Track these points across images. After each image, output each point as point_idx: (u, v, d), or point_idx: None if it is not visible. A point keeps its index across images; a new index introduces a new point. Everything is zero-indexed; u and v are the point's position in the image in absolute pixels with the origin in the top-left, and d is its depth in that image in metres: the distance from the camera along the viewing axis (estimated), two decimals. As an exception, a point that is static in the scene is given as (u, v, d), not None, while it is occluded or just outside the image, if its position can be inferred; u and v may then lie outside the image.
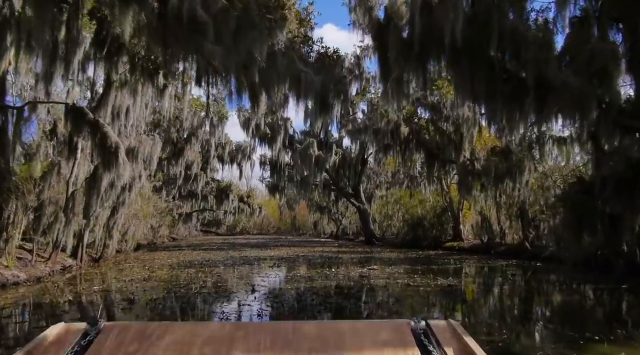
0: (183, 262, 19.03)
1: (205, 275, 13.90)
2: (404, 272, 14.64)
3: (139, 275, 14.16)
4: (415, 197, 29.33)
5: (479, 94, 9.13)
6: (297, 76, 10.62)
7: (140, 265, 17.49)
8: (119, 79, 14.47)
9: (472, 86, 9.10)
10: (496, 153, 19.79)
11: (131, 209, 22.46)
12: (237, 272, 15.17)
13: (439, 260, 19.68)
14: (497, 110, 9.82)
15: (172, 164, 31.45)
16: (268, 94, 10.99)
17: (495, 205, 21.87)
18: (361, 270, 15.59)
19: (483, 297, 10.78)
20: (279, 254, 24.03)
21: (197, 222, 54.74)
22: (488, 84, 9.10)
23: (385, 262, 19.09)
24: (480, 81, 9.08)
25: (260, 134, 32.58)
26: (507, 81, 9.44)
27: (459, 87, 9.61)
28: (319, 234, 56.32)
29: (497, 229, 23.39)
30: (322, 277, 13.40)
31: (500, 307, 9.59)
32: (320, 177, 33.81)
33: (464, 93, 9.67)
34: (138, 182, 17.70)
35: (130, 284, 12.14)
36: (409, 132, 20.09)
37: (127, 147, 16.86)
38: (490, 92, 9.14)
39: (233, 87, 11.05)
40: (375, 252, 25.59)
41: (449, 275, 14.33)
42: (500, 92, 9.20)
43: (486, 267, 16.67)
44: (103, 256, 18.99)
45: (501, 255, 20.40)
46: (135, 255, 23.09)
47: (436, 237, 27.45)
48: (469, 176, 19.35)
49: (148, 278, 13.30)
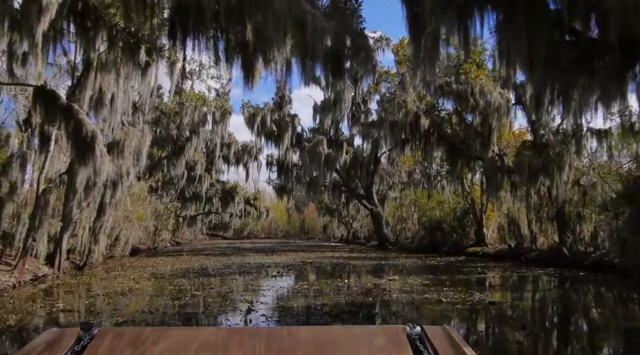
0: (177, 270, 17.01)
1: (196, 288, 11.85)
2: (429, 283, 12.47)
3: (119, 286, 12.13)
4: (433, 198, 27.07)
5: (537, 60, 7.02)
6: (301, 20, 8.39)
7: (128, 274, 15.48)
8: (97, 58, 12.48)
9: (529, 50, 7.00)
10: (527, 147, 17.58)
11: (123, 211, 20.56)
12: (235, 283, 13.09)
13: (463, 268, 17.47)
14: (556, 83, 7.70)
15: (173, 163, 29.46)
16: (264, 54, 8.84)
17: (525, 206, 19.62)
18: (378, 280, 13.45)
19: (542, 320, 8.56)
20: (286, 260, 21.94)
21: (202, 225, 52.84)
22: (549, 47, 6.99)
23: (403, 270, 16.93)
24: (539, 44, 6.95)
25: (266, 131, 30.49)
26: (572, 44, 7.36)
27: (512, 51, 7.52)
28: (329, 237, 54.16)
29: (526, 233, 21.12)
30: (333, 290, 11.28)
31: (575, 338, 7.37)
32: (330, 177, 31.68)
33: (517, 60, 7.56)
34: (125, 180, 15.69)
35: (103, 300, 10.11)
36: (430, 125, 17.91)
37: (112, 139, 14.91)
38: (551, 57, 7.04)
39: (221, 50, 8.92)
40: (389, 257, 23.41)
41: (483, 287, 12.15)
42: (562, 58, 7.10)
43: (522, 277, 14.43)
44: (87, 263, 17.00)
45: (533, 262, 18.14)
46: (127, 261, 21.13)
47: (456, 242, 25.20)
48: (497, 173, 17.14)
49: (128, 291, 11.26)
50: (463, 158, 18.50)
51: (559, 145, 16.31)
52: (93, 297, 10.53)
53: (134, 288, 11.76)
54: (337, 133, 32.80)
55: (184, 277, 14.40)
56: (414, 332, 1.52)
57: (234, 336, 1.55)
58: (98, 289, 11.63)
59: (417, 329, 1.53)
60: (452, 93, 16.75)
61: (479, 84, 15.58)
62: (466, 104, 16.38)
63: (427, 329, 1.54)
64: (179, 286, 12.28)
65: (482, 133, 16.97)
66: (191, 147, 28.22)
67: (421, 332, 1.53)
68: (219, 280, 13.70)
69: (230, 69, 9.59)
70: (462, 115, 17.57)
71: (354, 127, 33.58)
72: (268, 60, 8.81)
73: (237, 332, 1.62)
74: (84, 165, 11.94)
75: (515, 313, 8.69)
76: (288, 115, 31.74)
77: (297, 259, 22.16)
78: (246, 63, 9.08)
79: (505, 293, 10.97)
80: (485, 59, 17.33)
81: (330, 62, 9.47)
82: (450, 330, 1.57)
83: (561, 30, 7.35)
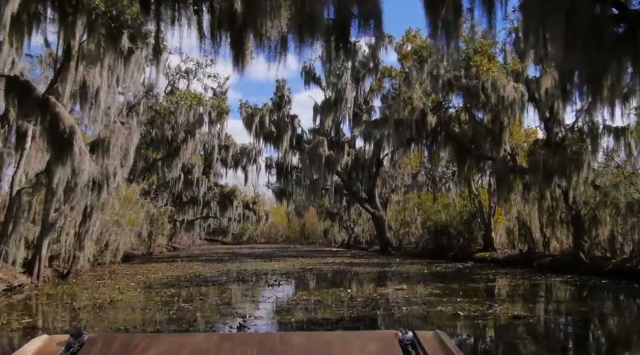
0: (169, 278, 15.92)
1: (185, 299, 10.76)
2: (440, 292, 11.38)
3: (101, 298, 11.04)
4: (439, 201, 25.94)
5: (575, 36, 5.95)
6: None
7: (114, 283, 14.40)
8: (79, 48, 11.44)
9: (566, 25, 5.93)
10: (541, 146, 16.50)
11: (112, 214, 19.47)
12: (227, 293, 11.99)
13: (474, 275, 16.37)
14: (592, 65, 6.63)
15: (168, 165, 28.36)
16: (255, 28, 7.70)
17: (537, 208, 18.53)
18: (384, 289, 12.35)
19: (581, 340, 7.43)
20: (285, 266, 20.83)
21: (201, 230, 51.69)
22: (591, 22, 5.92)
23: (409, 277, 15.84)
24: (580, 17, 5.87)
25: (265, 132, 29.40)
26: (616, 19, 6.30)
27: (545, 26, 6.45)
28: (329, 242, 52.98)
29: (537, 237, 20.01)
30: (335, 301, 10.19)
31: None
32: (331, 179, 30.56)
33: (550, 36, 6.49)
34: (112, 181, 14.62)
35: (78, 314, 9.03)
36: (437, 122, 16.82)
37: (97, 137, 13.86)
38: (591, 34, 5.97)
39: (205, 25, 7.86)
40: (393, 263, 22.29)
41: (501, 297, 11.04)
42: (604, 34, 6.02)
43: (540, 285, 13.33)
44: (72, 271, 15.90)
45: (547, 268, 17.03)
46: (118, 268, 20.04)
47: (463, 246, 24.08)
48: (509, 173, 16.05)
49: (109, 303, 10.18)
50: (472, 158, 17.40)
51: (576, 143, 15.24)
52: (66, 311, 9.45)
53: (116, 300, 10.67)
54: (338, 134, 31.73)
55: (174, 286, 13.31)
56: (406, 338, 1.50)
57: (226, 342, 1.52)
58: (75, 301, 10.53)
59: (409, 335, 1.52)
60: (461, 88, 15.64)
61: (490, 77, 14.51)
62: (476, 99, 15.29)
63: (419, 334, 1.52)
64: (166, 297, 11.19)
65: (493, 131, 15.88)
66: (187, 149, 27.11)
67: (413, 337, 1.51)
68: (212, 289, 12.61)
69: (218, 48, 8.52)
70: (472, 112, 16.47)
71: (356, 128, 32.52)
72: (260, 35, 7.69)
73: (229, 338, 1.62)
74: (62, 163, 10.87)
75: (547, 330, 7.59)
76: (287, 115, 30.66)
77: (296, 266, 21.06)
78: (235, 39, 7.95)
79: (527, 304, 9.87)
80: (496, 53, 16.32)
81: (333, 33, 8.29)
82: (442, 335, 1.55)
83: (605, 2, 6.29)
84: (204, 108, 25.27)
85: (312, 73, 32.31)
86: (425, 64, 16.00)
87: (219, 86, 28.43)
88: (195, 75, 29.74)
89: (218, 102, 26.02)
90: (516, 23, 16.75)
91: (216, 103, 25.81)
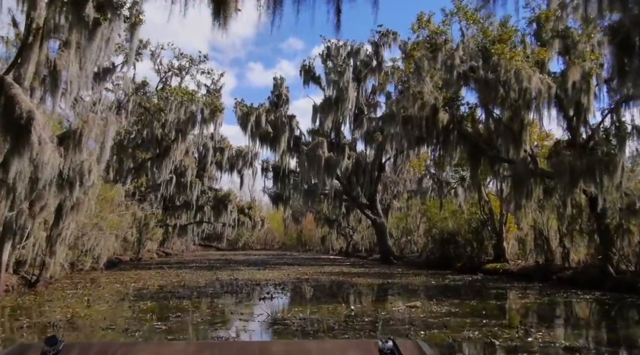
0: (150, 288, 14.28)
1: (159, 316, 9.12)
2: (459, 311, 9.75)
3: (61, 312, 9.41)
4: (446, 208, 24.29)
5: None
6: None
7: (86, 293, 12.75)
8: (44, 23, 9.85)
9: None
10: (564, 147, 14.92)
11: (92, 217, 17.82)
12: (212, 308, 10.33)
13: (489, 289, 14.75)
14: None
15: (157, 166, 26.69)
16: None
17: (557, 216, 16.95)
18: (393, 306, 10.72)
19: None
20: (279, 276, 19.16)
21: (194, 235, 49.97)
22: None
23: (418, 291, 14.21)
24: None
25: (261, 132, 27.74)
26: None
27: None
28: (327, 249, 51.29)
29: (555, 247, 18.40)
30: (337, 321, 8.54)
31: None
32: (330, 183, 28.93)
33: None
34: (87, 179, 12.98)
35: (20, 335, 7.37)
36: (449, 120, 15.19)
37: (68, 129, 12.26)
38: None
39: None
40: (396, 274, 20.65)
41: (534, 320, 9.41)
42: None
43: (572, 304, 11.68)
44: (42, 278, 14.23)
45: (569, 283, 15.41)
46: (98, 276, 18.40)
47: (472, 257, 22.45)
48: (529, 177, 14.45)
49: (68, 320, 8.53)
50: (487, 160, 15.81)
51: (606, 143, 13.71)
52: (9, 330, 7.78)
53: (78, 315, 9.01)
54: (338, 136, 30.11)
55: (153, 299, 11.66)
56: (386, 347, 1.48)
57: (204, 351, 1.50)
58: (29, 317, 8.86)
59: (389, 344, 1.49)
60: (478, 81, 14.06)
61: (514, 65, 12.89)
62: (495, 94, 13.72)
63: (399, 343, 1.51)
64: (139, 312, 9.55)
65: (513, 129, 14.27)
66: (177, 149, 25.44)
67: (393, 346, 1.49)
68: (193, 303, 10.96)
69: None
70: (489, 108, 14.85)
71: (357, 131, 30.93)
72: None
73: (207, 347, 1.58)
74: (18, 154, 9.25)
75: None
76: (285, 115, 29.03)
77: (292, 275, 19.39)
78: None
79: (569, 330, 8.24)
80: (516, 43, 14.76)
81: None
82: (422, 344, 1.54)
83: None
84: (196, 105, 23.64)
85: (312, 72, 30.79)
86: (440, 52, 14.43)
87: (213, 83, 26.84)
88: (189, 71, 28.17)
89: (211, 99, 24.39)
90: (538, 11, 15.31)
91: (209, 100, 24.17)
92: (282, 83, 29.95)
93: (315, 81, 31.07)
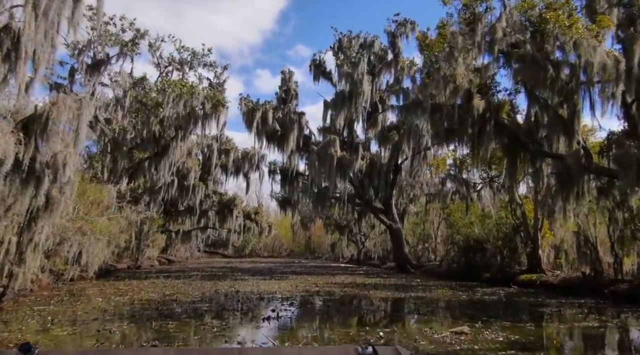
0: (136, 303, 12.16)
1: (128, 346, 6.95)
2: (521, 340, 7.49)
3: (8, 338, 7.28)
4: (472, 212, 21.98)
5: None
6: None
7: (55, 310, 10.65)
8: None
9: None
10: (621, 137, 12.65)
11: (76, 220, 15.78)
12: (199, 334, 8.12)
13: (535, 306, 12.43)
14: None
15: (156, 166, 24.64)
16: None
17: (609, 220, 14.64)
18: (434, 332, 8.39)
19: None
20: (286, 287, 16.96)
21: (199, 241, 47.87)
22: None
23: (451, 307, 11.96)
24: None
25: (267, 130, 25.57)
26: None
27: None
28: (337, 257, 49.03)
29: (605, 257, 16.04)
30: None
31: None
32: (343, 185, 26.71)
33: None
34: (61, 174, 10.91)
35: None
36: (485, 108, 12.90)
37: (33, 113, 10.20)
38: None
39: None
40: (417, 285, 18.37)
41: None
42: None
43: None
44: (8, 290, 12.12)
45: (626, 298, 13.08)
46: (84, 287, 16.40)
47: (502, 266, 20.10)
48: (582, 173, 12.20)
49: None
50: (527, 155, 13.53)
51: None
52: None
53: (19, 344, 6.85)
54: (351, 135, 27.89)
55: (132, 318, 9.53)
56: (365, 353, 1.46)
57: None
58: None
59: (368, 350, 1.47)
60: (523, 58, 11.76)
61: (575, 34, 10.61)
62: (544, 74, 11.46)
63: (378, 349, 1.48)
64: (105, 339, 7.39)
65: (565, 117, 11.97)
66: (177, 147, 23.38)
67: (372, 352, 1.47)
68: (180, 325, 8.77)
69: None
70: (535, 93, 12.54)
71: (371, 130, 28.70)
72: None
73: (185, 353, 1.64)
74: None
75: None
76: (294, 112, 26.86)
77: (301, 286, 17.18)
78: None
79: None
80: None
81: None
82: (401, 350, 1.51)
83: None
84: (196, 100, 21.58)
85: (323, 66, 28.69)
86: (479, 24, 12.17)
87: (216, 76, 24.74)
88: (191, 66, 26.14)
89: (214, 93, 22.29)
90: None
91: (211, 94, 22.09)
92: (291, 77, 27.80)
93: (326, 76, 28.96)
